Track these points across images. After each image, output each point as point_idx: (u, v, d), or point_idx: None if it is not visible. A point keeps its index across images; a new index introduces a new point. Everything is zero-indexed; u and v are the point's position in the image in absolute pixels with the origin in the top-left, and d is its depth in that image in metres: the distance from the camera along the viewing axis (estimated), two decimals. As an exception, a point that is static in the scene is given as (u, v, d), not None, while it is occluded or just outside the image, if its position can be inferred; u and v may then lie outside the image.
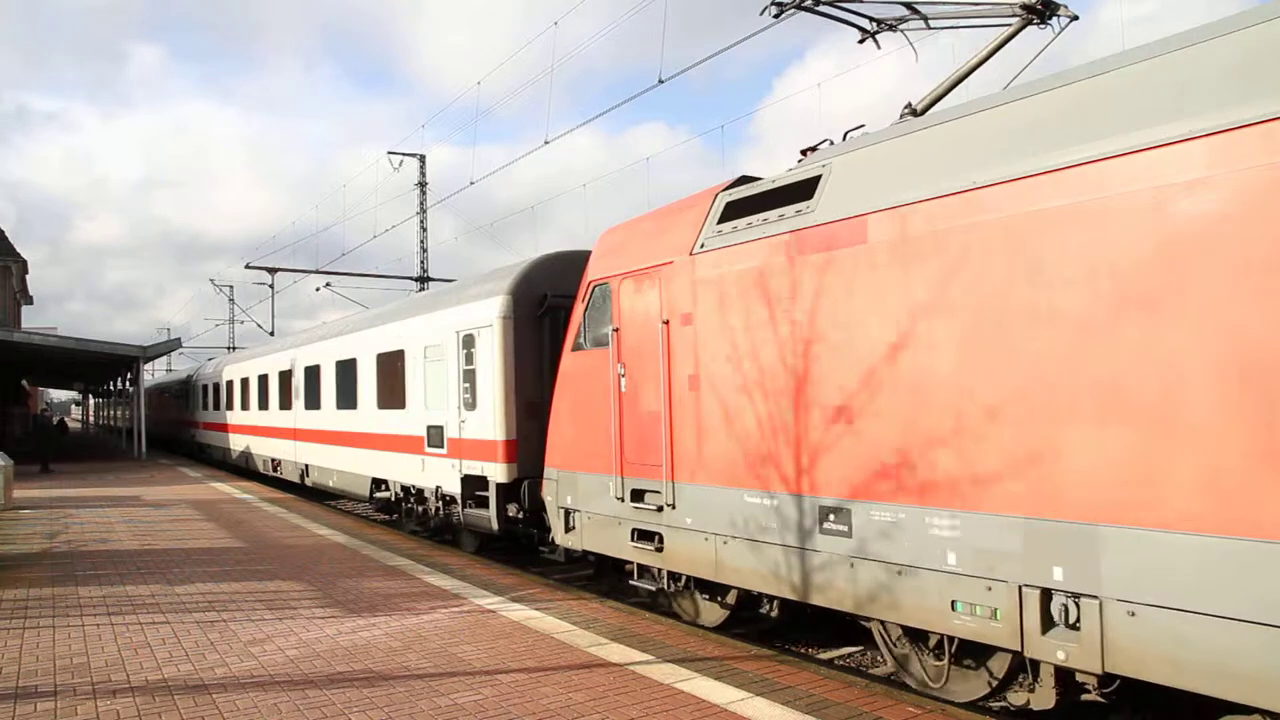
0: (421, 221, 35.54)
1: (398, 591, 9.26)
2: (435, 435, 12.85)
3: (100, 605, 8.73)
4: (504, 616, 8.12)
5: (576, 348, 9.25)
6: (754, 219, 7.21)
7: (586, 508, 9.13)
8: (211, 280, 48.28)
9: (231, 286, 48.53)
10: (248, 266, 33.63)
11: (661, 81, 13.36)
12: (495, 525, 11.32)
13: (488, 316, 11.47)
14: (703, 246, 7.63)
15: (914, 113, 7.08)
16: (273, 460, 22.64)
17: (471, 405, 11.78)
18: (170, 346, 37.01)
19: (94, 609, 8.58)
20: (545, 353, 11.20)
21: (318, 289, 34.11)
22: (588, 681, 6.17)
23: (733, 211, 7.51)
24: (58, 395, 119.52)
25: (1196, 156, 4.54)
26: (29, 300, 50.85)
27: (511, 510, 11.20)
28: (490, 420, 11.29)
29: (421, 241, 35.50)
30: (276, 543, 12.71)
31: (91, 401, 79.73)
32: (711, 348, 7.48)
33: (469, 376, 11.89)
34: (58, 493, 20.27)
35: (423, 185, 35.63)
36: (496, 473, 11.19)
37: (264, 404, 23.26)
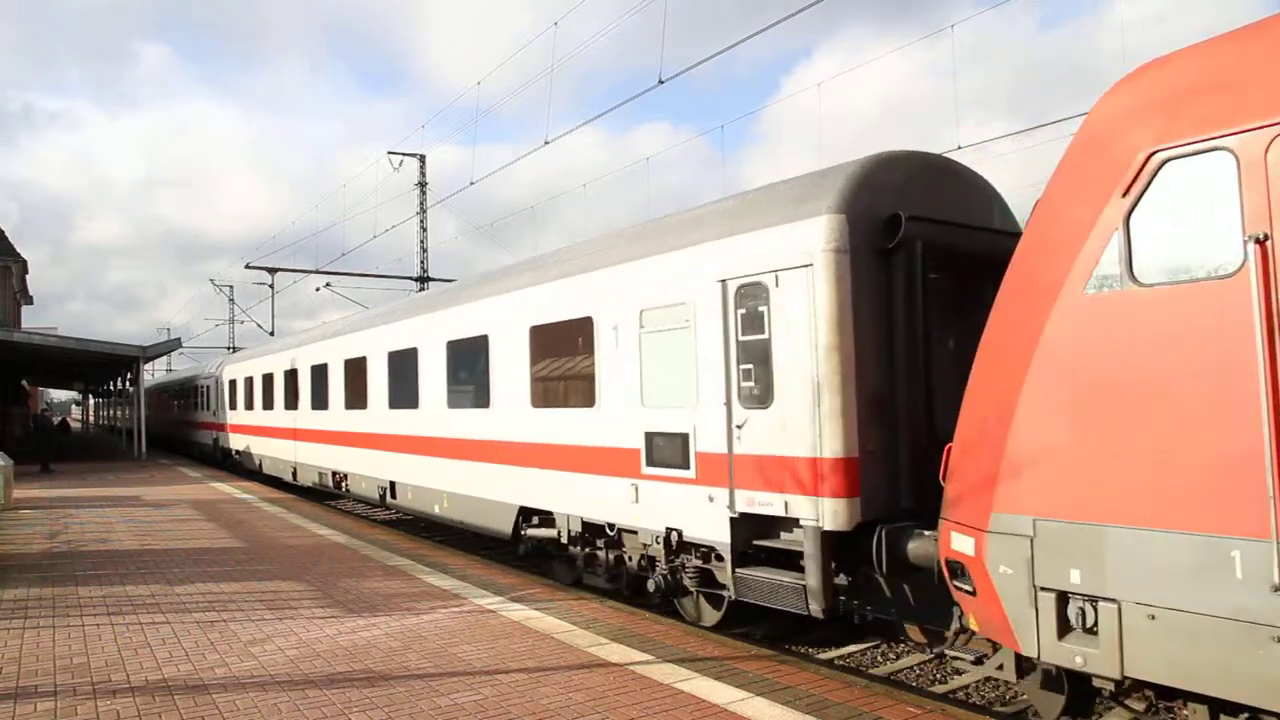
0: (421, 221, 35.60)
1: (398, 591, 9.26)
2: (667, 448, 8.80)
3: (100, 605, 8.73)
4: (504, 616, 8.12)
5: (1101, 286, 5.20)
6: None
7: (1140, 597, 5.00)
8: (212, 280, 48.41)
9: (231, 286, 48.80)
10: (248, 266, 33.75)
11: (662, 82, 13.40)
12: (819, 604, 7.19)
13: (799, 252, 7.39)
14: None
15: None
16: (334, 473, 18.27)
17: (761, 399, 7.74)
18: (170, 346, 37.10)
19: (94, 609, 8.57)
20: (899, 313, 7.41)
21: (318, 289, 34.17)
22: (588, 681, 6.17)
23: None
24: (58, 395, 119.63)
25: None
26: (29, 300, 50.92)
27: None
28: (806, 425, 7.30)
29: (422, 241, 35.57)
30: (276, 543, 12.72)
31: (92, 401, 79.80)
32: None
33: (753, 352, 7.81)
34: (58, 493, 20.27)
35: (423, 185, 35.70)
36: (824, 513, 7.12)
37: (320, 401, 18.94)
